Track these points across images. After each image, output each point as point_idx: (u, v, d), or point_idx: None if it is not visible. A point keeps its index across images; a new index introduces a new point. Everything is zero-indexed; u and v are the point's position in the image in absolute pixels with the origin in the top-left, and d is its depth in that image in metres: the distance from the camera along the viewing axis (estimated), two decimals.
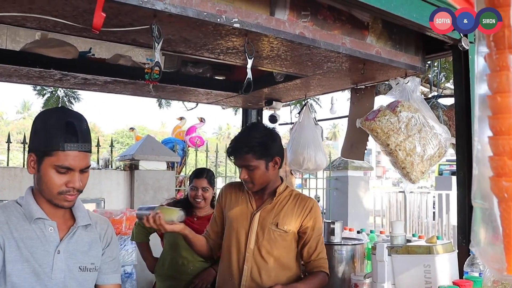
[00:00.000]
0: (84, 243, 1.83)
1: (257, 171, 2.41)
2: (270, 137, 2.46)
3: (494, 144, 1.26)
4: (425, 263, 2.05)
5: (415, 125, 2.69)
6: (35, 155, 1.70)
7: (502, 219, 1.24)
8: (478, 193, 1.28)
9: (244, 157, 2.38)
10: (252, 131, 2.45)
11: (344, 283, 2.94)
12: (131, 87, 3.28)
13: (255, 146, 2.38)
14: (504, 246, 1.25)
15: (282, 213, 2.50)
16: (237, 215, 2.55)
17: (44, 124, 1.71)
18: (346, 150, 3.21)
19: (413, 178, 2.72)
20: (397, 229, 2.24)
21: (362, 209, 9.05)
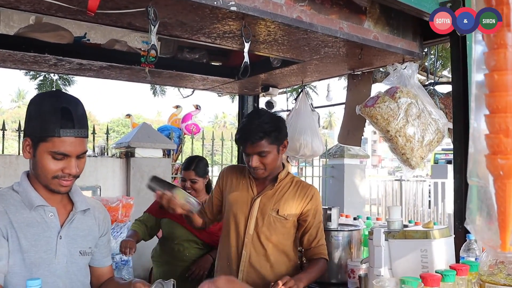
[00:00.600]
0: (83, 227, 1.85)
1: (269, 156, 2.43)
2: (280, 120, 2.50)
3: (491, 122, 1.26)
4: (422, 247, 2.05)
5: (414, 111, 2.68)
6: (31, 139, 1.69)
7: (497, 197, 1.25)
8: (474, 171, 1.28)
9: (258, 143, 2.39)
10: (262, 117, 2.44)
11: (340, 269, 2.95)
12: (127, 72, 3.25)
13: (270, 131, 2.40)
14: (499, 224, 1.26)
15: (283, 200, 2.51)
16: (237, 200, 2.56)
17: (39, 109, 1.69)
18: (343, 137, 3.20)
19: (413, 164, 2.72)
20: (394, 214, 2.23)
21: (358, 197, 9.08)
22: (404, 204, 11.20)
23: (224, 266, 2.58)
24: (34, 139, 1.68)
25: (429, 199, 11.45)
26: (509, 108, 1.22)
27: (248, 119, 2.49)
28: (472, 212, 1.30)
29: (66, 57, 2.85)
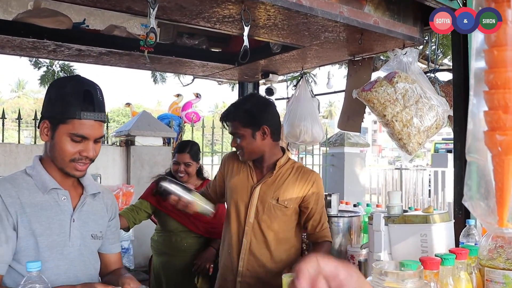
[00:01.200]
0: (94, 211, 1.86)
1: (244, 140, 2.42)
2: (260, 106, 2.46)
3: (490, 98, 1.25)
4: (422, 232, 2.05)
5: (412, 96, 2.67)
6: (49, 122, 1.70)
7: (495, 173, 1.25)
8: (472, 147, 1.28)
9: (232, 124, 2.43)
10: (244, 100, 2.52)
11: (340, 255, 2.95)
12: (126, 59, 3.24)
13: (241, 114, 2.41)
14: (496, 200, 1.26)
15: (283, 188, 2.48)
16: (237, 187, 2.54)
17: (61, 92, 1.71)
18: (343, 122, 3.19)
19: (410, 150, 2.72)
20: (394, 199, 2.23)
21: (358, 185, 9.09)
22: (404, 193, 11.21)
23: (226, 254, 2.57)
24: (53, 121, 1.69)
25: (429, 188, 11.46)
26: (508, 84, 1.22)
27: (235, 101, 2.59)
28: (470, 189, 1.31)
29: (65, 42, 2.84)
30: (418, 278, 1.40)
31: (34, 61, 8.46)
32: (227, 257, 2.55)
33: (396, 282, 1.40)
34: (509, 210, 1.25)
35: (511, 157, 1.23)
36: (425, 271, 1.53)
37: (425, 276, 1.52)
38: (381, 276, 1.42)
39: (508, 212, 1.25)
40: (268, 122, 2.45)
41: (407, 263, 1.48)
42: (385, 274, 1.42)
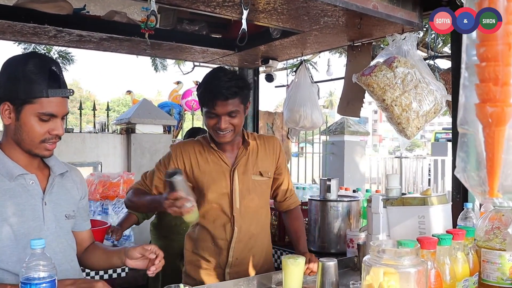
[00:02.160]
0: (64, 191, 1.83)
1: (238, 117, 2.23)
2: (245, 77, 2.44)
3: (481, 71, 1.28)
4: (420, 214, 2.07)
5: (411, 81, 2.68)
6: (11, 103, 1.64)
7: (486, 144, 1.28)
8: (464, 119, 1.32)
9: (230, 101, 2.17)
10: (229, 73, 2.23)
11: (339, 239, 3.00)
12: (127, 44, 3.25)
13: (243, 88, 2.22)
14: (487, 170, 1.30)
15: (259, 160, 2.39)
16: (214, 178, 2.32)
17: (22, 70, 1.63)
18: (342, 107, 3.21)
19: (409, 134, 2.74)
20: (392, 182, 2.24)
21: (358, 173, 9.13)
22: (404, 182, 11.25)
23: (210, 248, 2.39)
24: (16, 102, 1.63)
25: (428, 177, 11.49)
26: (499, 57, 1.25)
27: (213, 77, 2.23)
28: (462, 160, 1.34)
29: (66, 28, 2.85)
30: (415, 255, 1.43)
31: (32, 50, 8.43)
32: (212, 251, 2.38)
33: (393, 259, 1.43)
34: (499, 181, 1.28)
35: (502, 129, 1.26)
36: (423, 250, 1.55)
37: (422, 255, 1.54)
38: (378, 253, 1.45)
39: (498, 182, 1.29)
40: (250, 92, 2.35)
41: (404, 242, 1.51)
42: (382, 252, 1.45)
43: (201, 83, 2.27)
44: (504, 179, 1.29)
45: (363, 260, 1.49)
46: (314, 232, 3.08)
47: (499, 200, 1.34)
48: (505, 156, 1.28)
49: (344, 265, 2.48)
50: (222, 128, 2.20)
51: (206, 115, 2.24)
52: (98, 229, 3.02)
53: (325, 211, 3.03)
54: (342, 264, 2.40)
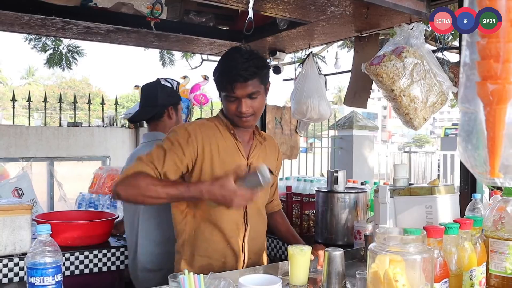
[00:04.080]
0: None
1: (259, 99, 2.05)
2: (262, 56, 2.16)
3: (482, 48, 1.26)
4: (427, 203, 2.06)
5: (420, 72, 2.66)
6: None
7: (487, 123, 1.25)
8: (464, 97, 1.29)
9: (250, 82, 1.99)
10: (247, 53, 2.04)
11: (347, 231, 2.98)
12: (134, 36, 3.25)
13: (262, 67, 2.04)
14: (488, 150, 1.27)
15: (267, 157, 2.25)
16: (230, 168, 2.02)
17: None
18: (349, 98, 3.19)
19: (416, 125, 2.72)
20: (399, 172, 2.23)
21: (367, 168, 9.08)
22: (413, 177, 11.19)
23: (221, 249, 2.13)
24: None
25: (438, 173, 11.43)
26: (500, 34, 1.23)
27: (229, 58, 2.05)
28: (463, 139, 1.31)
29: (73, 19, 2.85)
30: (421, 243, 1.42)
31: (41, 46, 8.47)
32: (227, 253, 2.14)
33: (399, 246, 1.42)
34: (500, 160, 1.26)
35: (502, 106, 1.24)
36: (429, 239, 1.54)
37: (428, 244, 1.53)
38: (384, 241, 1.44)
39: (499, 162, 1.26)
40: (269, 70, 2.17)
41: (411, 230, 1.50)
42: (388, 239, 1.44)
43: (217, 67, 2.08)
44: (506, 159, 1.26)
45: (368, 248, 1.48)
46: (321, 224, 3.06)
47: (500, 180, 1.31)
48: (507, 135, 1.25)
49: (351, 256, 2.47)
50: (244, 112, 2.02)
51: (226, 100, 2.05)
52: (106, 220, 3.05)
53: (332, 203, 3.01)
54: (349, 255, 2.38)
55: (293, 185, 3.95)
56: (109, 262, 2.94)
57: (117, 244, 2.99)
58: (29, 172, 5.81)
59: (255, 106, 2.05)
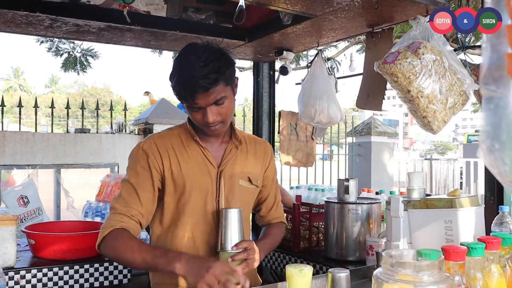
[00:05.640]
0: None
1: (228, 103, 1.81)
2: (224, 51, 1.83)
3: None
4: (446, 218, 1.79)
5: (439, 70, 2.38)
6: None
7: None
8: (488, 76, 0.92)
9: (213, 89, 1.73)
10: (204, 53, 1.73)
11: (359, 245, 2.73)
12: (129, 35, 3.04)
13: (224, 69, 1.75)
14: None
15: (249, 163, 2.01)
16: (197, 178, 1.89)
17: None
18: (362, 100, 2.92)
19: (435, 128, 2.44)
20: (415, 181, 1.97)
21: (386, 176, 8.78)
22: (434, 185, 10.87)
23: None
24: None
25: (460, 181, 11.07)
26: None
27: (184, 62, 1.75)
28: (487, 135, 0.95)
29: (60, 16, 2.65)
30: (437, 270, 1.15)
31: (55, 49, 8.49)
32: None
33: (410, 274, 1.15)
34: None
35: None
36: (448, 262, 1.28)
37: (448, 269, 1.27)
38: (392, 267, 1.18)
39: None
40: (234, 67, 1.87)
41: (426, 252, 1.24)
42: (398, 265, 1.18)
43: (172, 72, 1.80)
44: None
45: (373, 275, 1.22)
46: (331, 237, 2.80)
47: None
48: None
49: (362, 275, 2.19)
50: (211, 122, 1.79)
51: (188, 109, 1.83)
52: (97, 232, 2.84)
53: (342, 215, 2.75)
54: (359, 274, 2.12)
55: (304, 194, 3.71)
56: (101, 277, 2.73)
57: None
58: (35, 180, 5.70)
59: (223, 112, 1.81)
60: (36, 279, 2.50)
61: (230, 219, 1.80)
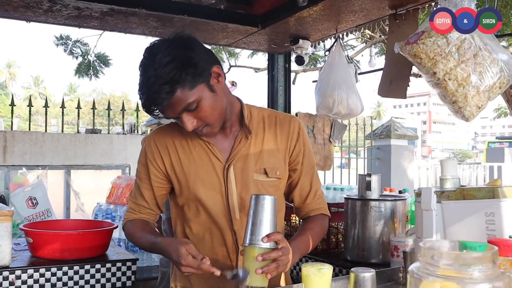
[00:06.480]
0: None
1: (205, 104, 1.55)
2: (184, 48, 1.54)
3: None
4: (487, 210, 1.55)
5: (469, 48, 2.15)
6: None
7: None
8: None
9: (173, 101, 1.50)
10: (156, 57, 1.50)
11: (382, 247, 2.50)
12: (134, 20, 2.86)
13: (178, 76, 1.48)
14: None
15: (265, 152, 1.74)
16: (201, 176, 1.71)
17: None
18: (384, 88, 2.68)
19: (467, 115, 2.20)
20: (448, 170, 1.73)
21: (407, 180, 8.52)
22: None
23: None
24: None
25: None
26: None
27: (142, 70, 1.55)
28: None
29: None
30: (490, 263, 0.92)
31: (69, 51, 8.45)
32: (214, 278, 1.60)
33: (456, 268, 0.92)
34: None
35: None
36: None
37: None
38: (433, 260, 0.95)
39: None
40: (210, 59, 1.61)
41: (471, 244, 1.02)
42: (439, 257, 0.95)
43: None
44: None
45: (409, 270, 1.00)
46: (351, 238, 2.57)
47: None
48: None
49: (387, 278, 1.98)
50: (190, 129, 1.58)
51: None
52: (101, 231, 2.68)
53: (364, 213, 2.51)
54: (383, 277, 1.91)
55: None
56: (103, 278, 2.54)
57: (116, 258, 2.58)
58: (45, 181, 5.59)
59: (203, 116, 1.57)
60: (32, 279, 2.33)
61: (261, 208, 1.50)
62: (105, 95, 53.28)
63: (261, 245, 1.48)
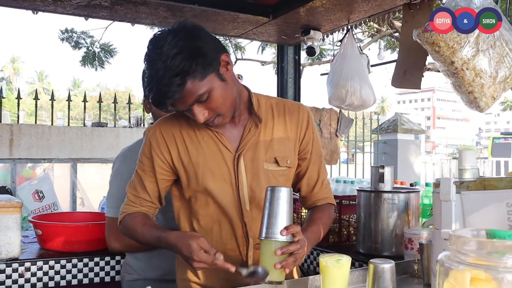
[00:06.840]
0: None
1: (215, 94, 1.51)
2: (190, 37, 1.49)
3: None
4: (510, 201, 1.52)
5: (488, 39, 2.11)
6: None
7: None
8: None
9: (184, 94, 1.47)
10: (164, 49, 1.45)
11: (395, 239, 2.46)
12: (144, 10, 2.83)
13: (188, 67, 1.45)
14: None
15: (275, 141, 1.71)
16: (210, 167, 1.66)
17: None
18: (398, 78, 2.65)
19: (482, 105, 2.17)
20: (468, 160, 1.69)
21: (413, 175, 8.48)
22: None
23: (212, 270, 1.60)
24: None
25: None
26: None
27: (148, 64, 1.50)
28: None
29: None
30: None
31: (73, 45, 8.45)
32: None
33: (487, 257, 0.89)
34: None
35: None
36: None
37: None
38: (464, 248, 0.92)
39: None
40: (217, 47, 1.57)
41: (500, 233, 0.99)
42: (470, 245, 0.92)
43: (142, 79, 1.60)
44: None
45: (438, 259, 0.97)
46: (364, 231, 2.54)
47: None
48: None
49: (402, 270, 1.95)
50: (202, 121, 1.56)
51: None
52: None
53: (377, 205, 2.48)
54: (398, 269, 1.86)
55: (332, 187, 3.46)
56: (112, 271, 2.53)
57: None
58: (51, 174, 5.58)
59: (213, 106, 1.54)
60: (42, 272, 2.31)
61: (277, 200, 1.47)
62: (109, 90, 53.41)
63: (278, 239, 1.45)
